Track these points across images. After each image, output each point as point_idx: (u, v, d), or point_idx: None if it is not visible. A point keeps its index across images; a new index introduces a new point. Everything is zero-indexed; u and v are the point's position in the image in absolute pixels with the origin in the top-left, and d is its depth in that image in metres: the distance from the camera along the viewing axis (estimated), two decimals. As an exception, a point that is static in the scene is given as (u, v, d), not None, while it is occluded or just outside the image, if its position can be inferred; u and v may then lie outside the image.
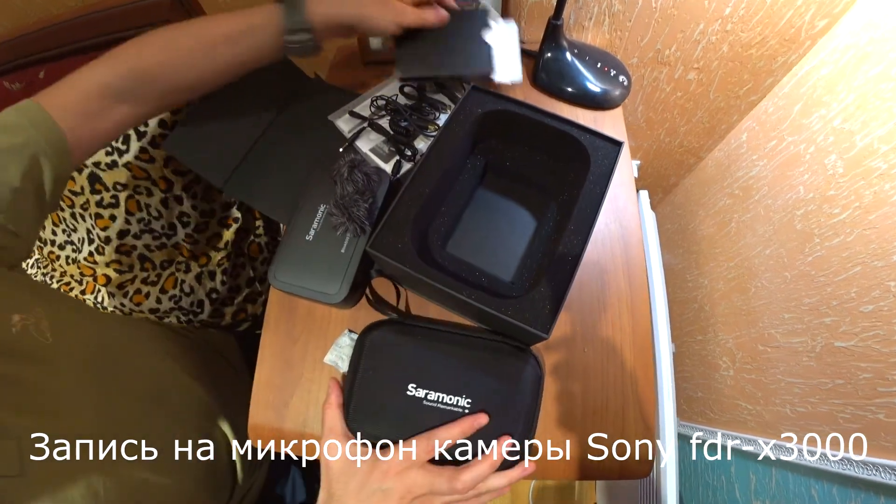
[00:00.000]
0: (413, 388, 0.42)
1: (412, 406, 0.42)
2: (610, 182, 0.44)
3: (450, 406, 0.42)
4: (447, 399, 0.42)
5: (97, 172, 0.68)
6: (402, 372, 0.43)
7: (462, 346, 0.45)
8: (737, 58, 0.71)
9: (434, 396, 0.42)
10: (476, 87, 0.49)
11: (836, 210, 0.65)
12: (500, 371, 0.44)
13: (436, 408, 0.42)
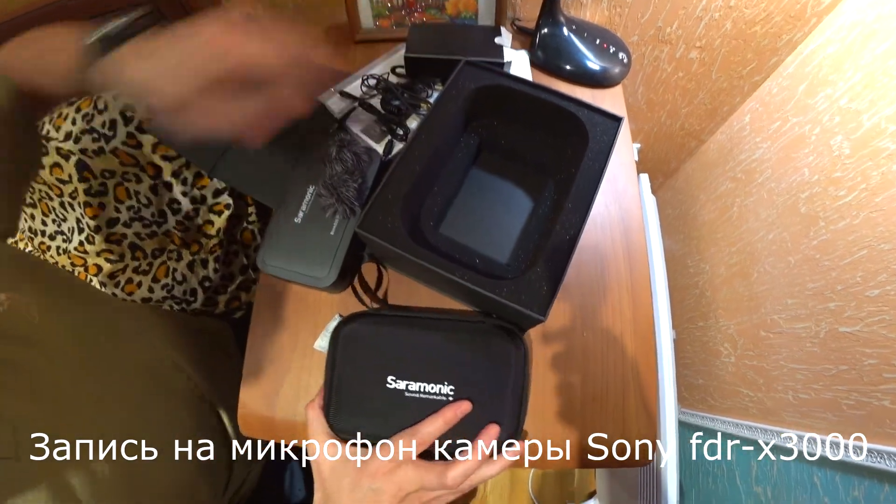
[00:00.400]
0: (393, 381, 0.41)
1: (394, 399, 0.41)
2: (609, 158, 0.43)
3: (432, 395, 0.40)
4: (429, 388, 0.41)
5: (84, 160, 0.67)
6: (380, 364, 0.42)
7: (441, 332, 0.43)
8: (740, 35, 0.69)
9: (415, 387, 0.41)
10: (469, 61, 0.47)
11: (842, 192, 0.64)
12: (482, 353, 0.42)
13: (418, 398, 0.41)
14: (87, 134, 0.65)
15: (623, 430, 0.47)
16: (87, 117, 0.65)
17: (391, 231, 0.40)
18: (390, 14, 0.65)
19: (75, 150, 0.66)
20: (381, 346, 0.43)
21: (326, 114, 0.60)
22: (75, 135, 0.65)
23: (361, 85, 0.59)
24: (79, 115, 0.65)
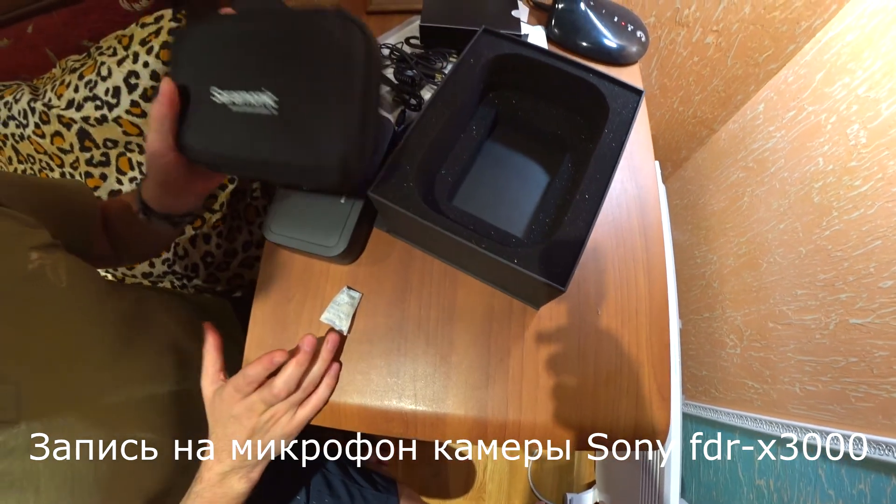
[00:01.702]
0: (217, 93, 0.34)
1: (224, 115, 0.34)
2: (630, 131, 0.42)
3: (257, 109, 0.33)
4: (252, 99, 0.33)
5: (86, 128, 0.65)
6: (205, 74, 0.35)
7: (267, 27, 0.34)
8: (759, 20, 0.68)
9: (238, 98, 0.34)
10: (487, 29, 0.46)
11: (857, 182, 0.63)
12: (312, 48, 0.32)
13: (244, 113, 0.34)
14: (89, 101, 0.63)
15: (637, 409, 0.46)
16: (90, 84, 0.63)
17: (405, 196, 0.39)
18: (404, -15, 0.63)
19: (77, 117, 0.64)
20: (210, 52, 0.35)
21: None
22: (77, 102, 0.63)
23: (374, 56, 0.58)
24: (81, 81, 0.63)
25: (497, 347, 0.46)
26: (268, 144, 0.34)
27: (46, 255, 0.39)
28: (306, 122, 0.33)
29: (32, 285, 0.37)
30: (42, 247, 0.40)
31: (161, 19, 0.63)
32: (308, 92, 0.32)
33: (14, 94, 0.68)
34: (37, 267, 0.38)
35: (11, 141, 0.71)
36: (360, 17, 0.32)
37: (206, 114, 0.35)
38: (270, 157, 0.34)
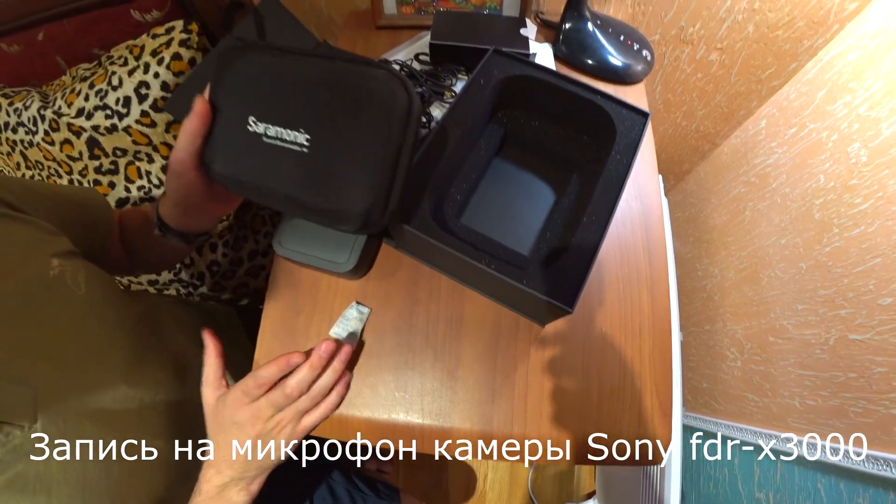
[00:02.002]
0: (253, 123, 0.35)
1: (255, 144, 0.35)
2: (637, 153, 0.42)
3: (287, 143, 0.35)
4: (285, 135, 0.34)
5: (96, 137, 0.66)
6: (247, 103, 0.36)
7: (316, 71, 0.35)
8: (762, 39, 0.69)
9: (273, 132, 0.35)
10: (498, 50, 0.47)
11: (858, 200, 0.64)
12: (354, 98, 0.33)
13: (276, 146, 0.35)
14: (99, 110, 0.64)
15: (638, 425, 0.46)
16: (101, 93, 0.64)
17: (417, 217, 0.39)
18: (414, 1, 0.64)
19: (87, 126, 0.64)
20: (256, 82, 0.36)
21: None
22: (88, 111, 0.64)
23: (383, 71, 0.58)
24: (92, 90, 0.64)
25: (503, 363, 0.47)
26: (294, 179, 0.35)
27: (67, 262, 0.40)
28: (337, 168, 0.34)
29: (53, 291, 0.38)
30: (63, 254, 0.41)
31: (172, 30, 0.64)
32: (344, 140, 0.34)
33: (24, 101, 0.68)
34: (58, 273, 0.39)
35: (20, 147, 0.71)
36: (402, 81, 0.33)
37: (237, 138, 0.36)
38: (293, 192, 0.35)
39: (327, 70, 0.34)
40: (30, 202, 0.42)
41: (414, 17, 0.65)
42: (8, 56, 0.71)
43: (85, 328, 0.40)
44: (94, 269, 0.44)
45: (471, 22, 0.58)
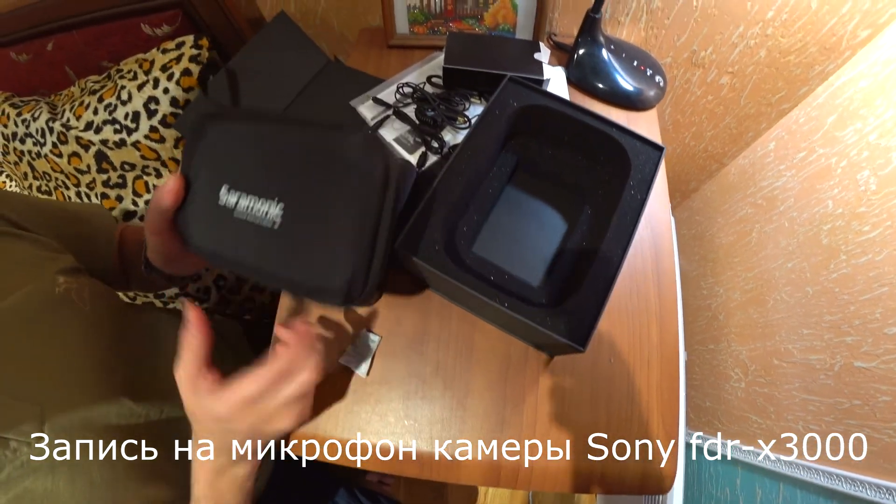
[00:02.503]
0: (225, 191, 0.33)
1: (226, 218, 0.33)
2: (651, 189, 0.42)
3: (258, 218, 0.32)
4: (257, 207, 0.32)
5: (104, 151, 0.66)
6: (220, 172, 0.34)
7: (290, 139, 0.33)
8: (773, 64, 0.69)
9: (244, 204, 0.33)
10: (513, 78, 0.47)
11: (866, 227, 0.63)
12: (330, 164, 0.31)
13: (245, 221, 0.33)
14: (108, 125, 0.64)
15: (645, 458, 0.46)
16: (110, 107, 0.64)
17: (431, 251, 0.39)
18: (426, 21, 0.64)
19: (96, 140, 0.64)
20: (225, 152, 0.34)
21: (359, 120, 0.59)
22: (96, 125, 0.64)
23: (396, 92, 0.58)
24: (101, 104, 0.64)
25: (512, 393, 0.47)
26: (270, 254, 0.33)
27: (72, 278, 0.41)
28: (313, 241, 0.32)
29: (59, 308, 0.39)
30: (68, 270, 0.41)
31: (182, 45, 0.64)
32: (319, 210, 0.31)
33: (32, 112, 0.68)
34: (63, 290, 0.39)
35: (28, 157, 0.71)
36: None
37: (209, 210, 0.34)
38: (269, 268, 0.33)
39: (302, 137, 0.33)
40: (32, 219, 0.42)
41: (426, 37, 0.65)
42: (17, 65, 0.71)
43: (91, 345, 0.41)
44: (99, 286, 0.44)
45: (484, 45, 0.58)
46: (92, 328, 0.41)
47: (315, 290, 0.33)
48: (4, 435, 0.32)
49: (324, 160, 0.32)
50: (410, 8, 0.63)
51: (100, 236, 0.50)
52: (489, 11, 0.62)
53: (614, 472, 0.46)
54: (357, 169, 0.31)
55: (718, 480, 0.85)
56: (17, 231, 0.40)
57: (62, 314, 0.39)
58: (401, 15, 0.64)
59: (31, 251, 0.40)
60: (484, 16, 0.62)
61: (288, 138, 0.33)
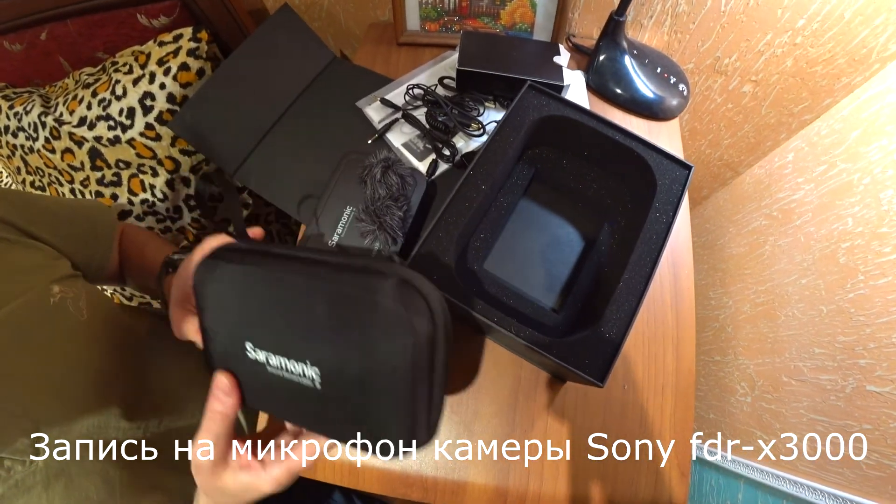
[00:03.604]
0: (252, 349, 0.29)
1: (260, 373, 0.29)
2: (678, 211, 0.40)
3: (296, 378, 0.28)
4: (291, 368, 0.28)
5: (98, 148, 0.63)
6: (240, 329, 0.30)
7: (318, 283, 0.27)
8: (799, 73, 0.66)
9: (276, 362, 0.29)
10: (533, 85, 0.44)
11: (888, 249, 0.61)
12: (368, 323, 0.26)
13: (282, 378, 0.28)
14: (102, 121, 0.61)
15: (655, 489, 0.45)
16: (104, 103, 0.60)
17: (442, 273, 0.37)
18: (439, 17, 0.60)
19: (89, 136, 0.61)
20: (242, 296, 0.30)
21: (365, 122, 0.56)
22: (90, 120, 0.61)
23: (405, 94, 0.55)
24: (95, 99, 0.61)
25: (521, 418, 0.45)
26: (312, 414, 0.29)
27: (68, 287, 0.39)
28: (355, 406, 0.28)
29: (54, 319, 0.37)
30: (64, 279, 0.40)
31: (180, 38, 0.60)
32: (357, 374, 0.27)
33: (24, 105, 0.65)
34: (58, 301, 0.38)
35: (21, 152, 0.68)
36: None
37: (239, 364, 0.30)
38: (314, 426, 0.30)
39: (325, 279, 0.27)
40: (32, 219, 0.41)
41: (438, 34, 0.62)
42: (10, 54, 0.68)
43: (87, 357, 0.39)
44: (96, 293, 0.43)
45: (500, 46, 0.55)
46: (89, 338, 0.40)
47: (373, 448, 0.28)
48: None
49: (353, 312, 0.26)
50: (422, 3, 0.60)
51: (101, 233, 0.49)
52: (506, 9, 0.59)
53: (625, 500, 0.44)
54: (395, 319, 0.25)
55: (720, 493, 0.85)
56: (15, 237, 0.38)
57: (57, 325, 0.37)
58: (412, 10, 0.60)
59: (27, 260, 0.38)
60: (500, 14, 0.59)
61: (303, 282, 0.28)
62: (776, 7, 0.57)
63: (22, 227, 0.39)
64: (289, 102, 0.58)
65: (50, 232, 0.42)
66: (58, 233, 0.42)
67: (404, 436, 0.27)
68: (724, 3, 0.58)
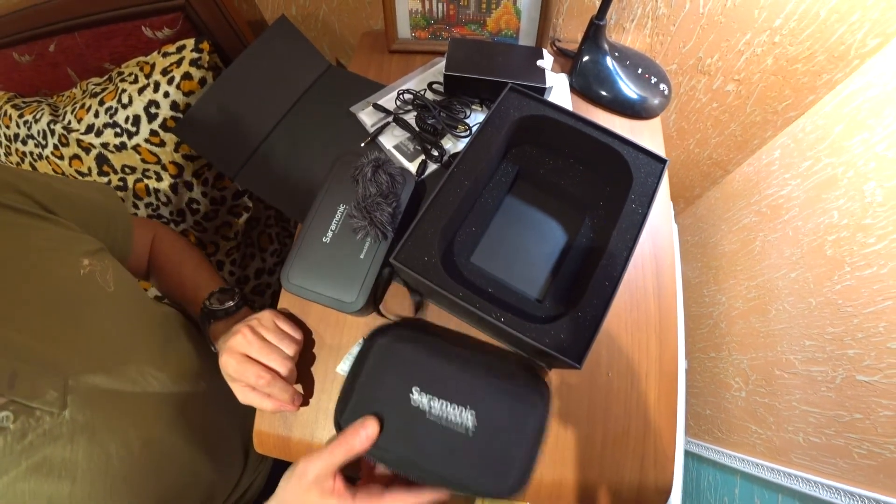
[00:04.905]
0: (417, 393, 0.38)
1: (414, 418, 0.37)
2: (653, 203, 0.42)
3: (453, 425, 0.37)
4: (451, 413, 0.37)
5: (105, 154, 0.66)
6: (408, 375, 0.39)
7: (474, 361, 0.41)
8: (780, 72, 0.68)
9: (438, 406, 0.37)
10: (514, 87, 0.46)
11: (872, 240, 0.63)
12: (508, 389, 0.39)
13: (438, 425, 0.37)
14: (109, 128, 0.64)
15: (641, 472, 0.46)
16: (111, 111, 0.63)
17: (427, 264, 0.39)
18: (428, 26, 0.63)
19: (97, 143, 0.64)
20: (413, 359, 0.40)
21: (358, 126, 0.59)
22: (97, 128, 0.64)
23: (396, 99, 0.58)
24: (102, 107, 0.64)
25: (509, 406, 0.47)
26: (459, 462, 0.37)
27: (96, 260, 0.42)
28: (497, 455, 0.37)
29: (84, 289, 0.40)
30: (92, 252, 0.42)
31: (183, 49, 0.63)
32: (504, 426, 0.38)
33: (34, 114, 0.68)
34: (88, 272, 0.41)
35: (30, 159, 0.71)
36: None
37: (395, 410, 0.38)
38: (452, 476, 0.37)
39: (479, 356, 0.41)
40: (55, 198, 0.43)
41: (428, 42, 0.64)
42: (19, 66, 0.71)
43: (114, 324, 0.42)
44: (121, 269, 0.46)
45: (486, 51, 0.57)
46: (115, 309, 0.43)
47: (481, 491, 0.38)
48: (30, 404, 0.33)
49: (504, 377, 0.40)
50: (412, 13, 0.62)
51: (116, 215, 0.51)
52: (492, 17, 0.61)
53: (610, 485, 0.46)
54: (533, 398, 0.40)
55: (717, 490, 0.85)
56: (45, 214, 0.41)
57: (86, 294, 0.40)
58: (403, 19, 0.63)
59: (58, 233, 0.41)
60: (486, 21, 0.62)
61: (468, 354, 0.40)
62: (753, 7, 0.59)
63: (46, 205, 0.42)
64: (286, 108, 0.61)
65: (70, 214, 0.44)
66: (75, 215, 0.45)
67: (512, 489, 0.37)
68: (702, 5, 0.60)
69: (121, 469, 0.38)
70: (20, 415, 0.32)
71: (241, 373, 0.42)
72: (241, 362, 0.42)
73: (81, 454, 0.36)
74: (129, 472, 0.39)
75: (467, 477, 0.37)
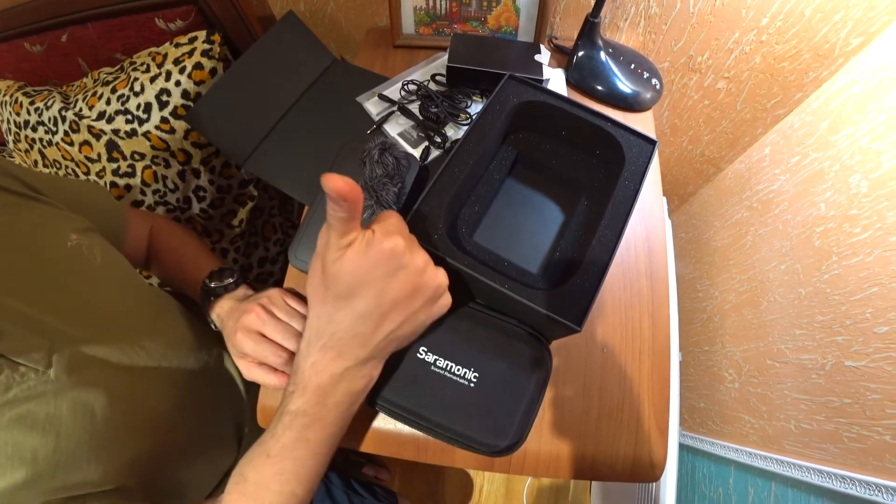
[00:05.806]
0: (423, 352, 0.42)
1: (419, 369, 0.42)
2: (644, 179, 0.44)
3: (457, 377, 0.41)
4: (455, 369, 0.42)
5: (115, 140, 0.67)
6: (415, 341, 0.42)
7: (479, 323, 0.44)
8: (768, 70, 0.71)
9: (443, 364, 0.42)
10: (513, 76, 0.49)
11: (857, 230, 0.65)
12: (513, 356, 0.43)
13: (442, 375, 0.41)
14: (120, 115, 0.66)
15: (635, 446, 0.47)
16: (123, 98, 0.65)
17: (434, 236, 0.41)
18: (432, 22, 0.66)
19: (107, 129, 0.66)
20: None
21: (364, 116, 0.61)
22: (109, 115, 0.66)
23: (401, 89, 0.60)
24: (114, 95, 0.66)
25: (508, 380, 0.48)
26: (457, 411, 0.40)
27: (84, 237, 0.43)
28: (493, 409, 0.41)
29: (71, 260, 0.41)
30: (80, 230, 0.44)
31: (195, 40, 0.66)
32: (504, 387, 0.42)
33: (45, 101, 0.70)
34: (75, 245, 0.42)
35: (39, 145, 0.73)
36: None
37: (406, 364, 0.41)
38: (453, 425, 0.40)
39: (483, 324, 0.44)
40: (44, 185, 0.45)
41: (431, 37, 0.67)
42: (31, 55, 0.73)
43: (102, 295, 0.43)
44: (109, 247, 0.47)
45: (487, 46, 0.60)
46: (102, 280, 0.44)
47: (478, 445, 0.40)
48: (16, 359, 0.34)
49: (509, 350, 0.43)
50: (417, 10, 0.65)
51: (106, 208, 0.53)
52: (492, 14, 0.64)
53: (605, 458, 0.47)
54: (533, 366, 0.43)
55: (712, 480, 0.86)
56: (36, 195, 0.42)
57: (73, 265, 0.41)
58: (407, 16, 0.66)
59: (47, 212, 0.42)
60: (487, 18, 0.64)
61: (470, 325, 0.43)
62: (741, 7, 0.62)
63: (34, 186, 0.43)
64: (294, 99, 0.63)
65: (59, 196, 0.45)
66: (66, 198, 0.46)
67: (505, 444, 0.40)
68: (692, 5, 0.63)
69: (106, 432, 0.39)
70: (4, 369, 0.33)
71: (259, 352, 0.42)
72: (258, 342, 0.42)
73: (66, 411, 0.36)
74: (116, 433, 0.40)
75: (469, 428, 0.40)
